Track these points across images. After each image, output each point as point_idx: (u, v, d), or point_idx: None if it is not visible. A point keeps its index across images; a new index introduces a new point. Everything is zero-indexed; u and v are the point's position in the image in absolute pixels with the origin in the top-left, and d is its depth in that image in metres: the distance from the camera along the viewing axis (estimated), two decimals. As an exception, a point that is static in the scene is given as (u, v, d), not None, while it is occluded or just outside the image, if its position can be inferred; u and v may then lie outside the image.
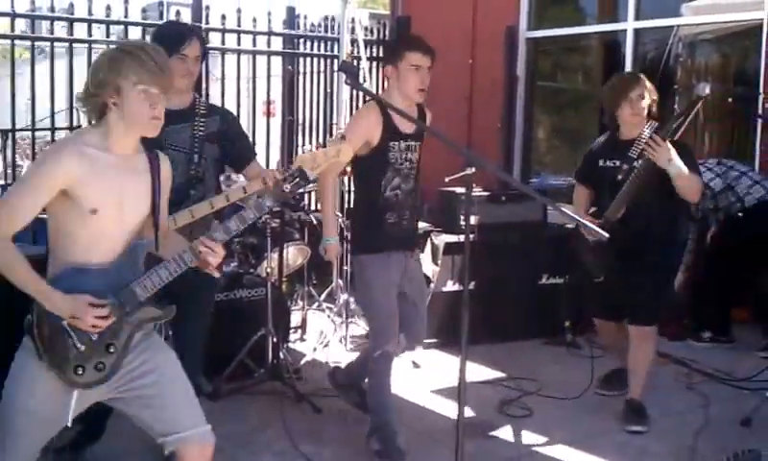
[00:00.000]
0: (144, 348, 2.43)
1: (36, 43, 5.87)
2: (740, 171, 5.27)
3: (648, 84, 3.95)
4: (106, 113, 2.31)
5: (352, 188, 3.57)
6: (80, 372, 2.28)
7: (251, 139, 6.62)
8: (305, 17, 6.95)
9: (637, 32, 6.71)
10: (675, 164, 3.70)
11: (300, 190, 2.40)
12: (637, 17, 6.68)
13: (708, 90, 4.75)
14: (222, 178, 4.48)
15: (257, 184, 3.11)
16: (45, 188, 2.23)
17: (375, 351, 3.57)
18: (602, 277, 4.01)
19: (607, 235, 2.89)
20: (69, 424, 2.36)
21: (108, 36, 5.92)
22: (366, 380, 3.82)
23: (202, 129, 3.24)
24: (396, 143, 3.49)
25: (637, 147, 3.84)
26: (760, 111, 5.36)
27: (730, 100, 5.00)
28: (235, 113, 6.26)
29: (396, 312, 3.57)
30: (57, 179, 2.23)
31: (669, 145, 3.69)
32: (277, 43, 6.77)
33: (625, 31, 6.76)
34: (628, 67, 6.66)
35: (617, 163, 3.91)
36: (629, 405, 4.04)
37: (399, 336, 3.60)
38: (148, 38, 4.69)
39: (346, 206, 6.09)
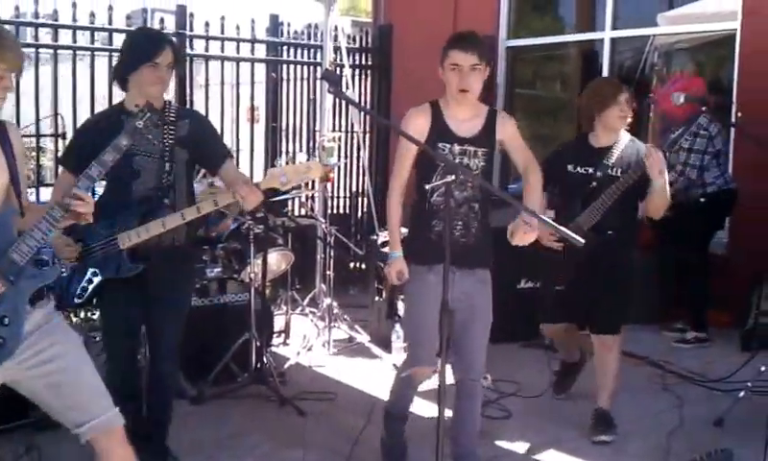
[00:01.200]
0: (49, 330, 2.40)
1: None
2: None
3: None
4: None
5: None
6: None
7: (234, 146, 6.70)
8: (289, 25, 6.99)
9: (614, 41, 6.82)
10: (664, 177, 3.70)
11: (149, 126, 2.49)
12: (614, 27, 6.79)
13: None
14: (201, 184, 4.52)
15: (227, 197, 3.10)
16: None
17: (403, 370, 3.39)
18: (564, 285, 3.97)
19: (582, 242, 2.87)
20: None
21: (92, 43, 5.95)
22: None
23: (172, 134, 3.22)
24: (448, 145, 3.20)
25: (612, 155, 3.85)
26: (734, 120, 5.48)
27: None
28: (219, 120, 6.34)
29: (435, 337, 2.87)
30: None
31: (662, 157, 3.69)
32: (261, 50, 6.81)
33: (602, 40, 6.87)
34: (605, 75, 6.76)
35: (590, 171, 3.87)
36: (596, 415, 3.97)
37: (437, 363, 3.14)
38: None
39: (329, 211, 6.14)
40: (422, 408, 4.22)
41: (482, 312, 3.35)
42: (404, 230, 3.36)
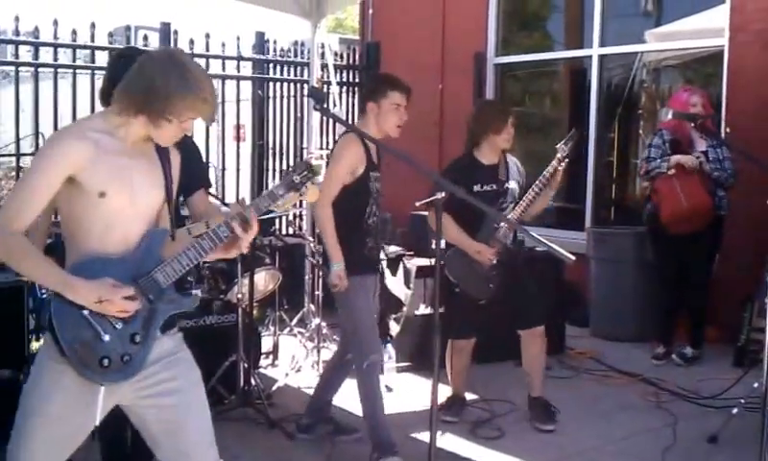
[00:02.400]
0: (174, 362, 2.34)
1: (1, 67, 5.79)
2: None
3: None
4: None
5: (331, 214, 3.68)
6: (105, 364, 2.18)
7: (220, 165, 6.63)
8: (275, 42, 6.97)
9: (602, 58, 6.84)
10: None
11: (307, 183, 2.37)
12: (602, 44, 6.81)
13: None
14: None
15: (220, 218, 2.98)
16: (52, 177, 2.15)
17: (362, 362, 3.71)
18: (485, 299, 4.13)
19: (573, 258, 2.89)
20: (97, 423, 2.24)
21: (74, 61, 5.87)
22: (327, 401, 4.08)
23: None
24: (374, 173, 3.74)
25: (503, 170, 4.18)
26: (723, 136, 5.48)
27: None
28: (204, 138, 6.27)
29: (376, 327, 3.84)
30: (62, 165, 2.15)
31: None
32: (247, 68, 6.77)
33: (590, 57, 6.89)
34: (593, 92, 6.79)
35: (494, 187, 4.13)
36: (538, 403, 4.27)
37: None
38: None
39: (317, 230, 6.06)
40: (413, 429, 4.17)
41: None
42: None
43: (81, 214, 2.21)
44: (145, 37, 6.17)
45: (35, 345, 4.51)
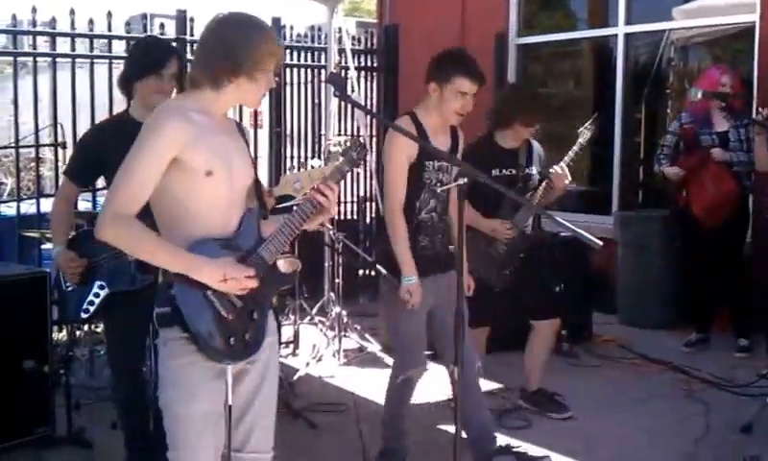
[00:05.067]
0: (271, 343, 2.37)
1: (19, 58, 5.78)
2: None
3: None
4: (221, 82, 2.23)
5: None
6: (232, 342, 2.20)
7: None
8: (291, 28, 6.91)
9: (628, 36, 6.68)
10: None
11: (363, 159, 2.45)
12: (628, 22, 6.65)
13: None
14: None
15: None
16: (162, 156, 2.14)
17: (398, 376, 3.47)
18: (500, 287, 4.02)
19: (600, 243, 2.79)
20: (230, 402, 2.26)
21: (91, 51, 5.84)
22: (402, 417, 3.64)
23: None
24: (431, 163, 3.35)
25: (522, 154, 4.05)
26: (754, 115, 5.32)
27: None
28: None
29: (424, 339, 3.48)
30: (170, 144, 2.14)
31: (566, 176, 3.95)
32: (264, 54, 6.70)
33: (616, 35, 6.73)
34: (619, 72, 6.64)
35: (513, 172, 3.99)
36: (541, 395, 4.22)
37: (427, 363, 3.57)
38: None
39: (336, 217, 6.01)
40: (437, 419, 4.12)
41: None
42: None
43: (184, 195, 2.19)
44: (161, 25, 6.13)
45: (57, 336, 4.54)
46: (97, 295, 3.13)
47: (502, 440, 3.88)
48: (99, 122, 4.12)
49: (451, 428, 2.47)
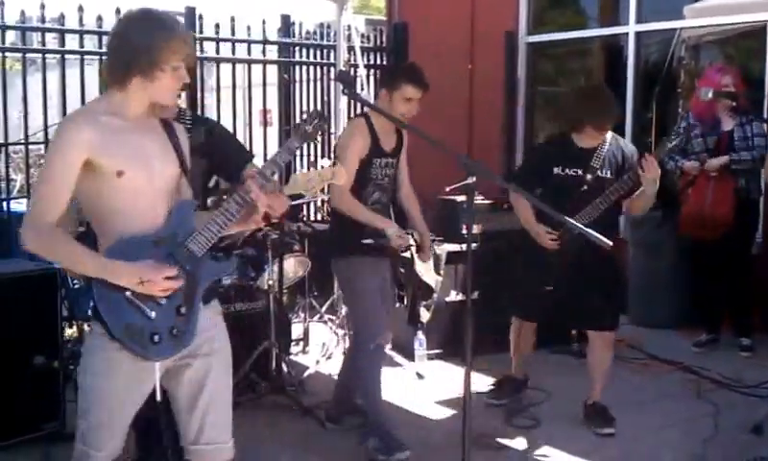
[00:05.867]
0: (213, 336, 2.40)
1: (28, 55, 5.79)
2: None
3: None
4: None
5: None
6: (156, 339, 2.23)
7: (247, 148, 6.57)
8: (300, 25, 6.91)
9: (639, 35, 6.65)
10: (656, 185, 3.76)
11: (320, 130, 2.50)
12: (639, 20, 6.62)
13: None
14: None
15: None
16: (71, 161, 2.18)
17: (368, 344, 3.72)
18: (552, 286, 3.93)
19: (611, 244, 2.80)
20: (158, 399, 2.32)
21: (100, 47, 5.85)
22: (350, 390, 4.00)
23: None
24: (379, 159, 3.72)
25: (599, 156, 3.89)
26: (766, 114, 5.30)
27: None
28: (231, 123, 6.24)
29: (383, 309, 3.80)
30: (77, 148, 2.18)
31: (658, 167, 3.73)
32: (273, 52, 6.72)
33: (627, 34, 6.70)
34: (630, 71, 6.61)
35: (579, 172, 3.90)
36: (595, 408, 4.08)
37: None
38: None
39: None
40: (446, 417, 4.13)
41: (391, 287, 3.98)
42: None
43: (104, 197, 2.24)
44: (171, 22, 6.13)
45: (68, 332, 4.55)
46: None
47: (512, 441, 3.91)
48: None
49: (458, 427, 2.48)
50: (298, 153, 6.88)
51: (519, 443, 3.90)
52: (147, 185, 2.27)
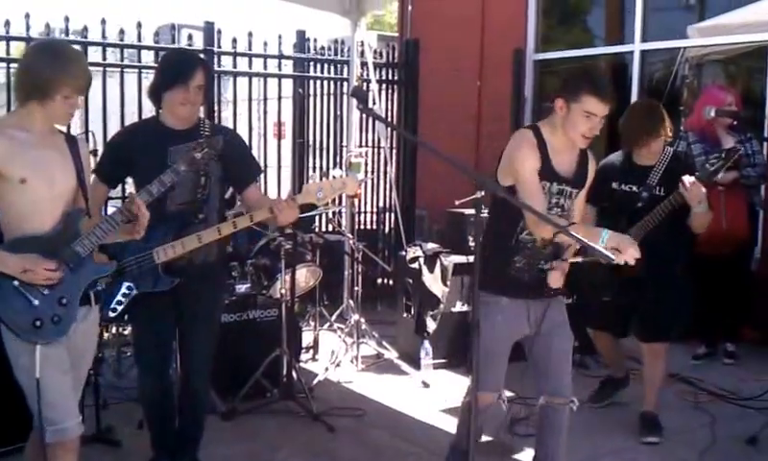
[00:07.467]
0: (86, 329, 2.75)
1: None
2: None
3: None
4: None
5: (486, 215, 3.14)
6: (38, 324, 2.58)
7: (261, 161, 6.72)
8: (315, 40, 6.99)
9: (644, 53, 6.76)
10: (704, 206, 3.75)
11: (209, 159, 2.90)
12: (644, 39, 6.73)
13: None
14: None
15: (264, 213, 3.11)
16: None
17: (467, 396, 3.28)
18: (609, 296, 4.05)
19: (615, 259, 2.83)
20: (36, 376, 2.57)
21: (121, 60, 6.00)
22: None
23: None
24: (549, 184, 3.10)
25: (656, 174, 3.96)
26: (766, 133, 5.39)
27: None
28: (247, 136, 6.37)
29: (500, 365, 3.21)
30: None
31: (703, 189, 3.70)
32: (288, 66, 6.83)
33: (632, 52, 6.81)
34: (634, 89, 6.72)
35: (635, 189, 3.98)
36: (643, 418, 4.16)
37: (499, 394, 3.30)
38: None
39: (356, 227, 6.12)
40: (451, 426, 4.19)
41: (562, 335, 3.36)
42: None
43: (9, 201, 2.60)
44: (189, 37, 6.27)
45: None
46: (125, 295, 3.19)
47: (515, 450, 3.96)
48: (129, 124, 4.24)
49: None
50: (311, 163, 7.06)
51: (522, 451, 3.95)
52: (47, 192, 2.62)
